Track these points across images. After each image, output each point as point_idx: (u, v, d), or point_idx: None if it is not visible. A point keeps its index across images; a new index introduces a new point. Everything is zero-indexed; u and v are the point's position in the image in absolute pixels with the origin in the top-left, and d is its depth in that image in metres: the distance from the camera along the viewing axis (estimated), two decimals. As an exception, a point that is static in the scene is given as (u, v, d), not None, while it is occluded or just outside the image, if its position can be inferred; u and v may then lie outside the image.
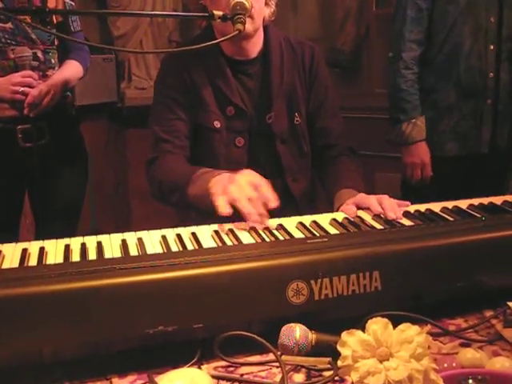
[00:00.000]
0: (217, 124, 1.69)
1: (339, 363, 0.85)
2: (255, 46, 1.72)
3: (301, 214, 1.41)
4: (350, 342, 0.83)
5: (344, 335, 0.85)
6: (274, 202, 1.32)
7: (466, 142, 2.37)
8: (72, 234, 2.28)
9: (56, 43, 2.26)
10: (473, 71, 2.31)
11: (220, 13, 1.27)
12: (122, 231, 1.29)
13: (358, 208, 1.45)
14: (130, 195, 4.27)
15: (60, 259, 1.13)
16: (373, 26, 3.91)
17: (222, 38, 1.20)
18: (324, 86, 1.81)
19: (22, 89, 2.09)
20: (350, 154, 1.79)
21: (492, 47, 2.30)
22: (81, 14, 3.41)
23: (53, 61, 2.25)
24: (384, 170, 3.39)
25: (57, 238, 1.24)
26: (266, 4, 1.68)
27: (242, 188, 1.32)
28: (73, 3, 2.32)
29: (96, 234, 1.28)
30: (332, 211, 1.52)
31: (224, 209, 1.29)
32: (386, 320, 0.85)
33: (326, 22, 4.01)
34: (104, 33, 4.25)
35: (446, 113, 2.37)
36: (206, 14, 1.25)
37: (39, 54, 2.18)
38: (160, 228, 1.31)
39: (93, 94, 3.82)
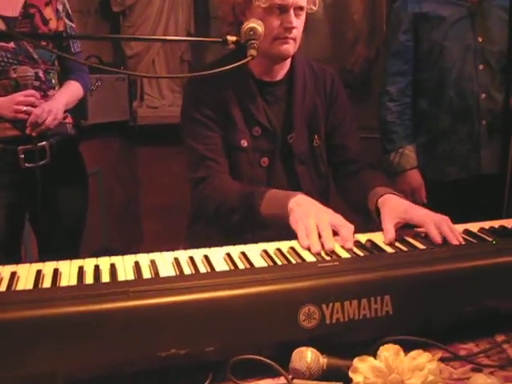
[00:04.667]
0: (244, 143, 1.72)
1: (351, 389, 0.85)
2: (283, 69, 1.77)
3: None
4: (362, 368, 0.83)
5: (356, 361, 0.85)
6: (350, 244, 1.33)
7: (465, 164, 2.39)
8: (75, 253, 2.34)
9: (57, 64, 2.29)
10: (464, 94, 2.33)
11: (233, 38, 1.29)
12: (134, 249, 1.30)
13: (406, 224, 1.43)
14: (141, 213, 4.30)
15: (74, 281, 1.14)
16: (383, 48, 3.92)
17: (237, 63, 1.22)
18: (342, 108, 1.85)
19: (25, 108, 2.11)
20: (373, 168, 1.83)
21: (482, 67, 2.32)
22: (95, 39, 3.48)
23: (53, 81, 2.28)
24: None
25: (60, 258, 1.25)
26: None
27: (321, 224, 1.36)
28: (73, 24, 2.36)
29: (108, 252, 1.29)
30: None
31: (305, 242, 1.34)
32: (397, 347, 0.85)
33: (336, 42, 4.04)
34: (117, 52, 4.31)
35: (442, 137, 2.39)
36: (220, 40, 1.26)
37: (41, 74, 2.21)
38: (172, 246, 1.32)
39: (105, 112, 3.86)
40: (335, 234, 1.37)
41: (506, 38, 2.11)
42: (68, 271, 1.19)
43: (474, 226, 1.46)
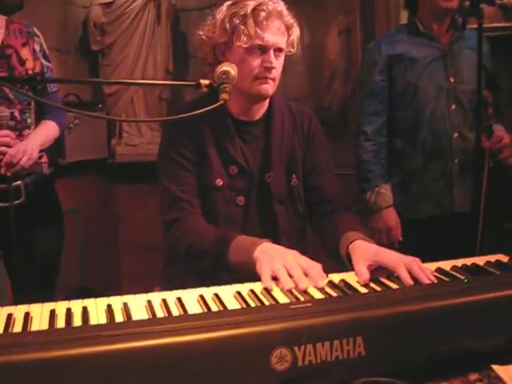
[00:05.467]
0: (219, 182, 1.73)
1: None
2: (261, 109, 1.81)
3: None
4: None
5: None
6: (321, 283, 1.34)
7: (438, 202, 2.43)
8: (50, 293, 2.31)
9: (33, 103, 2.30)
10: (437, 133, 2.38)
11: (206, 82, 1.31)
12: (111, 289, 1.29)
13: (377, 266, 1.44)
14: (119, 251, 4.26)
15: (45, 325, 1.13)
16: (359, 88, 3.99)
17: (208, 108, 1.24)
18: (319, 149, 1.88)
19: (0, 148, 2.11)
20: (348, 210, 1.85)
21: (454, 107, 2.38)
22: (72, 82, 3.51)
23: (29, 120, 2.28)
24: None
25: (34, 298, 1.24)
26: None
27: (289, 264, 1.37)
28: (50, 64, 2.37)
29: (83, 291, 1.29)
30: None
31: (268, 283, 1.34)
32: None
33: (313, 81, 4.10)
34: (96, 90, 4.33)
35: (417, 175, 2.44)
36: (193, 84, 1.29)
37: (16, 114, 2.22)
38: (150, 284, 1.32)
39: (83, 150, 3.86)
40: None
41: (476, 77, 2.16)
42: (39, 315, 1.18)
43: (446, 264, 1.47)
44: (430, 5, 2.34)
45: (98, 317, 1.18)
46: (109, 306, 1.22)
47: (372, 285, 1.36)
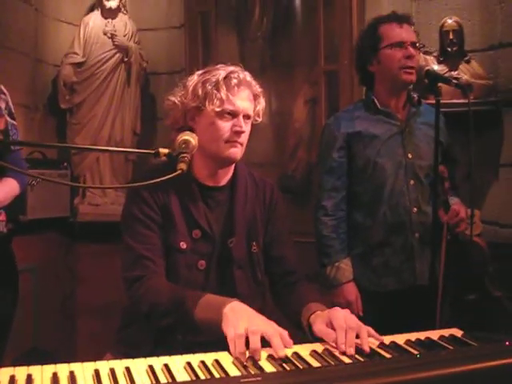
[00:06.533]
0: (183, 245, 1.74)
1: None
2: (226, 175, 1.84)
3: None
4: None
5: None
6: (281, 353, 1.33)
7: (399, 276, 2.43)
8: (1, 353, 2.23)
9: None
10: (397, 208, 2.41)
11: (166, 150, 1.33)
12: (65, 350, 1.26)
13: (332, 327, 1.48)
14: (76, 312, 4.16)
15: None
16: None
17: (166, 177, 1.26)
18: (281, 220, 1.92)
19: None
20: (308, 281, 1.87)
21: (412, 182, 2.42)
22: (35, 146, 3.51)
23: None
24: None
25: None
26: None
27: (252, 329, 1.37)
28: (14, 122, 2.37)
29: (35, 352, 1.26)
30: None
31: (232, 349, 1.35)
32: None
33: (279, 148, 4.18)
34: (62, 148, 4.32)
35: (377, 249, 2.44)
36: (152, 152, 1.30)
37: None
38: (106, 347, 1.29)
39: (45, 208, 3.81)
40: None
41: (432, 152, 2.22)
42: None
43: (400, 338, 1.47)
44: (389, 78, 2.40)
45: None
46: (54, 374, 1.18)
47: (325, 357, 1.35)
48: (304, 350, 1.40)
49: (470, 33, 3.49)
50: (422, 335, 1.51)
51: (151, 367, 1.24)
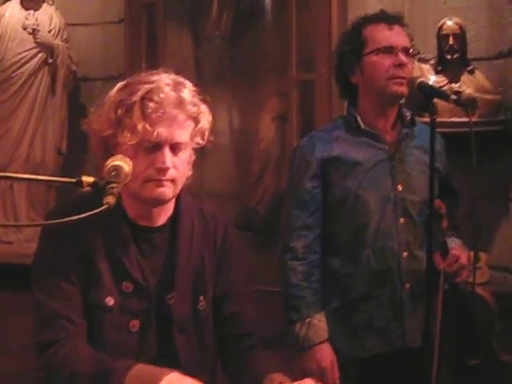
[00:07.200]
0: (109, 301, 1.69)
1: None
2: (164, 213, 1.79)
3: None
4: None
5: None
6: None
7: (386, 337, 2.41)
8: None
9: None
10: (383, 253, 2.39)
11: (90, 179, 1.31)
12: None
13: None
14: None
15: None
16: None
17: (91, 213, 1.23)
18: (237, 267, 1.88)
19: None
20: (266, 348, 1.84)
21: (402, 220, 2.40)
22: None
23: None
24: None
25: None
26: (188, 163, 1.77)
27: None
28: None
29: None
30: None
31: None
32: None
33: (240, 174, 4.19)
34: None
35: (359, 303, 2.42)
36: (73, 181, 1.28)
37: None
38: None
39: None
40: None
41: (427, 184, 2.21)
42: None
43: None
44: (376, 91, 2.40)
45: None
46: None
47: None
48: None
49: (474, 37, 3.54)
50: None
51: None
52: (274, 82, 4.20)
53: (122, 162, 1.40)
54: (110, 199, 1.30)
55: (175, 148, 1.69)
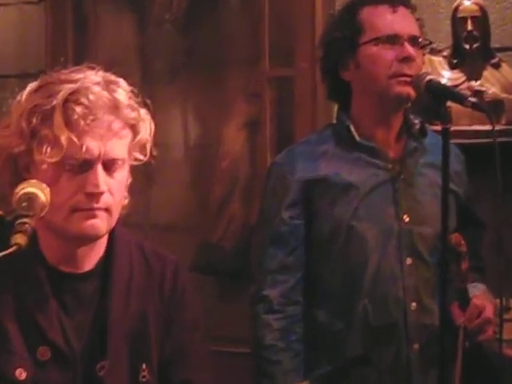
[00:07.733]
0: (20, 374, 1.68)
1: None
2: (94, 254, 1.78)
3: None
4: None
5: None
6: None
7: None
8: None
9: None
10: (385, 303, 2.39)
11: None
12: None
13: None
14: None
15: None
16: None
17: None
18: (191, 322, 1.89)
19: None
20: None
21: (410, 261, 2.41)
22: None
23: None
24: None
25: None
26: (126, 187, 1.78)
27: None
28: None
29: None
30: None
31: None
32: None
33: (197, 200, 4.18)
34: None
35: (354, 369, 2.42)
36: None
37: None
38: None
39: None
40: None
41: (439, 213, 2.14)
42: None
43: None
44: (375, 92, 2.41)
45: None
46: None
47: None
48: None
49: (498, 21, 3.55)
50: None
51: None
52: (242, 79, 4.21)
53: (37, 189, 1.39)
54: (20, 239, 1.29)
55: (110, 166, 1.67)
